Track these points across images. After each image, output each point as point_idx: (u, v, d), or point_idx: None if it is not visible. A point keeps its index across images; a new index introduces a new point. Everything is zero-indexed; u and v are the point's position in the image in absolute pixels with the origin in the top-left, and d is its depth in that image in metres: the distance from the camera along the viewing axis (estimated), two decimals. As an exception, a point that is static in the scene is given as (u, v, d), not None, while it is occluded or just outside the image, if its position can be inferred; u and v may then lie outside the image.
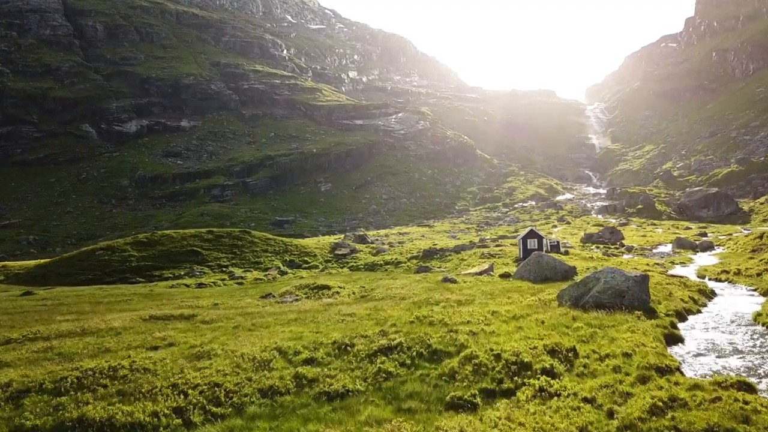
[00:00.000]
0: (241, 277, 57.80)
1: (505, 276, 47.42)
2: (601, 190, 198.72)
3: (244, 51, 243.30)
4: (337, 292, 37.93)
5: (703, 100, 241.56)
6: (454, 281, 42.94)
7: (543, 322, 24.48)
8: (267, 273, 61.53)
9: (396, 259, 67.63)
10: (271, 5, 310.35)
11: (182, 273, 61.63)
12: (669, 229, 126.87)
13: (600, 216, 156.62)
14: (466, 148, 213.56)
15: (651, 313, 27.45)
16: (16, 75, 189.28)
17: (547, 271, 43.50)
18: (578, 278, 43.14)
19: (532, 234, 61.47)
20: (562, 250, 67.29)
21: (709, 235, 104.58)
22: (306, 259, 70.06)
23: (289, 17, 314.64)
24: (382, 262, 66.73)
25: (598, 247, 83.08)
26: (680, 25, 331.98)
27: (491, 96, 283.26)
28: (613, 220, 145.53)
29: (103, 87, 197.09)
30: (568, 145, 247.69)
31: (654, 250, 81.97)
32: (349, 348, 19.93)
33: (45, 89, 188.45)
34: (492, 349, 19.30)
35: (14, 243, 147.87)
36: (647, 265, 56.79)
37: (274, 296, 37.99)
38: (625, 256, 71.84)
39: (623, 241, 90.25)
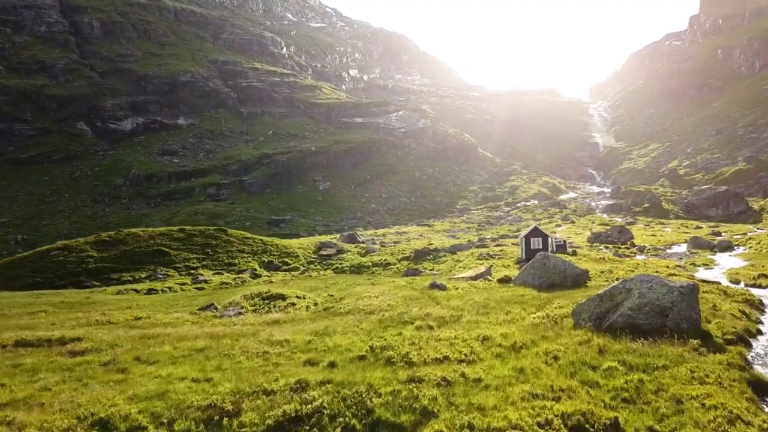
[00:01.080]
0: (206, 281, 49.39)
1: (504, 281, 38.84)
2: (606, 189, 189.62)
3: (242, 48, 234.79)
4: (293, 304, 29.53)
5: (708, 98, 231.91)
6: (443, 288, 34.41)
7: (556, 358, 16.02)
8: (238, 276, 53.15)
9: (385, 260, 59.14)
10: (272, 3, 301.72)
11: (143, 276, 53.35)
12: (679, 228, 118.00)
13: (605, 215, 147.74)
14: (468, 147, 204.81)
15: (705, 339, 18.89)
16: (9, 72, 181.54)
17: (555, 275, 34.91)
18: (592, 285, 34.56)
19: (536, 232, 52.80)
20: (569, 250, 58.66)
21: (723, 234, 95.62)
22: (287, 260, 61.58)
23: (290, 15, 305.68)
24: (369, 264, 58.23)
25: (607, 247, 74.44)
26: (684, 24, 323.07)
27: (493, 94, 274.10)
28: (620, 219, 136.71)
29: (98, 84, 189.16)
30: (571, 143, 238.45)
31: (668, 251, 73.15)
32: (228, 418, 11.48)
33: (39, 86, 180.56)
34: (472, 426, 10.79)
35: (1, 243, 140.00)
36: (667, 267, 48.12)
37: (216, 308, 29.65)
38: (639, 257, 63.19)
39: (633, 241, 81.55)
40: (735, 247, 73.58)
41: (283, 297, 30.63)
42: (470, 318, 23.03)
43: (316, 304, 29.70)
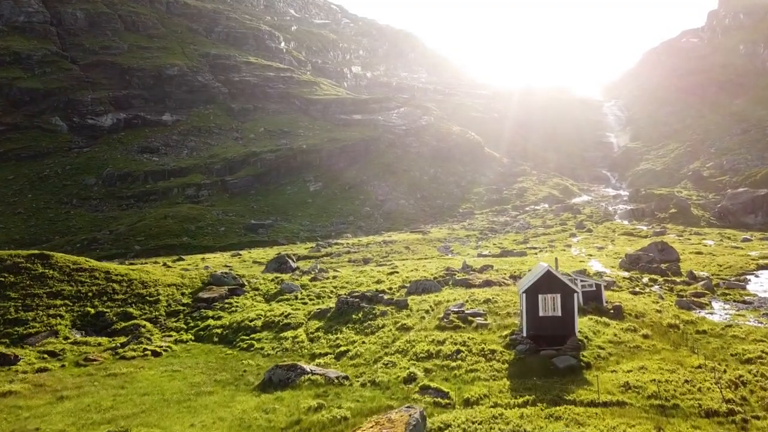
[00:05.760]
0: None
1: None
2: (622, 192, 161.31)
3: (237, 43, 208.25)
4: None
5: (731, 95, 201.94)
6: None
7: None
8: None
9: (287, 315, 33.05)
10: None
11: None
12: (721, 241, 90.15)
13: (626, 221, 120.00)
14: (474, 146, 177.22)
15: None
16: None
17: None
18: None
19: (547, 282, 25.09)
20: (608, 305, 31.47)
21: (795, 253, 67.76)
22: (131, 309, 36.02)
23: (293, 11, 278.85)
24: (259, 324, 32.69)
25: (654, 281, 47.20)
26: (701, 21, 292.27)
27: (503, 93, 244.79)
28: (644, 227, 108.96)
29: (78, 77, 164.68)
30: (583, 143, 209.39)
31: (749, 286, 45.43)
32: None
33: (11, 79, 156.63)
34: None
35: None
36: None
37: None
38: (717, 306, 36.22)
39: (684, 266, 54.12)
40: None
41: None
42: None
43: None
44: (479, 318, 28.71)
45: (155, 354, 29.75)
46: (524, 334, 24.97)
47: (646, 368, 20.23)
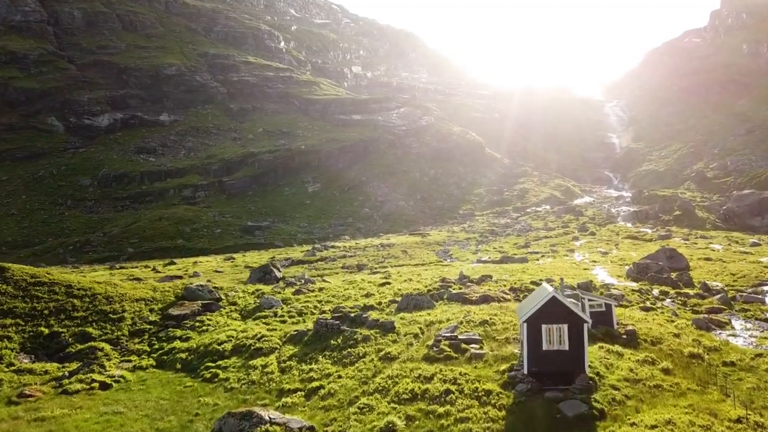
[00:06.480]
0: None
1: None
2: (625, 193, 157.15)
3: (236, 42, 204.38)
4: None
5: (734, 95, 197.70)
6: None
7: None
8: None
9: (262, 339, 29.71)
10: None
11: None
12: (729, 245, 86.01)
13: (629, 224, 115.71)
14: (474, 146, 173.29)
15: None
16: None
17: None
18: None
19: (553, 309, 21.09)
20: (619, 329, 27.70)
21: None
22: (90, 329, 32.53)
23: (293, 11, 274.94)
24: (228, 348, 29.12)
25: (665, 294, 43.43)
26: (703, 21, 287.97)
27: (504, 93, 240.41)
28: (649, 230, 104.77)
29: (75, 77, 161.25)
30: (585, 144, 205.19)
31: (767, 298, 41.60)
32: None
33: (7, 79, 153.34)
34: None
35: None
36: None
37: None
38: (738, 326, 32.24)
39: (695, 275, 50.30)
40: None
41: None
42: None
43: None
44: (474, 345, 24.96)
45: (103, 387, 26.16)
46: (525, 371, 21.16)
47: (674, 423, 16.48)
